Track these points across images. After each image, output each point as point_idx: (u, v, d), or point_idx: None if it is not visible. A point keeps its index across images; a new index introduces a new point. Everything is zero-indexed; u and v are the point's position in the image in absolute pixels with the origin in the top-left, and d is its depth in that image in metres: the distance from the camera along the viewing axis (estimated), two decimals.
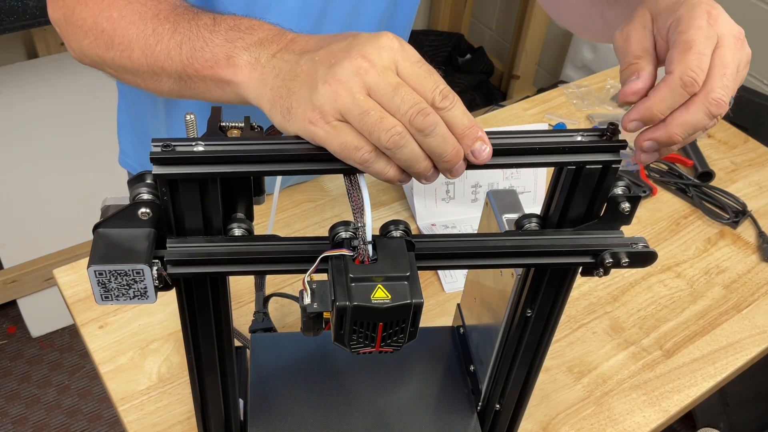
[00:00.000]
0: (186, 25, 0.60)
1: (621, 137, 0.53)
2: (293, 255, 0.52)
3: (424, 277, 0.99)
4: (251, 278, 0.92)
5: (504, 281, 0.64)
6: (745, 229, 1.13)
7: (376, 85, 0.47)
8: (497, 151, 0.51)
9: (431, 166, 0.49)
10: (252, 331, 0.85)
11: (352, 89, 0.47)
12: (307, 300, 0.51)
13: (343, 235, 0.52)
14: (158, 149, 0.47)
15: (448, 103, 0.48)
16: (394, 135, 0.46)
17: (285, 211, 1.08)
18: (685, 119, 0.52)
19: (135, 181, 0.49)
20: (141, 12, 0.63)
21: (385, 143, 0.47)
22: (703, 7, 0.54)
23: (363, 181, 0.51)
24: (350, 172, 0.51)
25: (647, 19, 0.57)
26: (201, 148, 0.47)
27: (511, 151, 0.51)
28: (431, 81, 0.48)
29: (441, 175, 0.51)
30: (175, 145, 0.47)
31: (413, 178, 0.51)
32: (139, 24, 0.63)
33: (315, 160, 0.49)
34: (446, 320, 0.93)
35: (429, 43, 2.72)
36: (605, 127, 0.53)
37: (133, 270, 0.48)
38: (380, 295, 0.49)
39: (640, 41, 0.56)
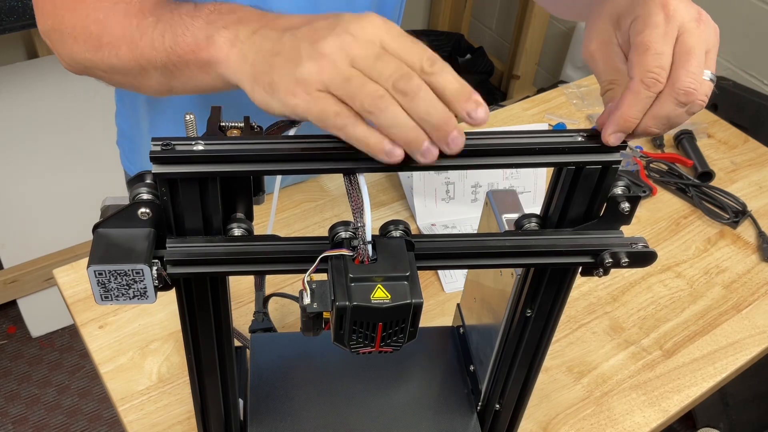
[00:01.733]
0: (168, 15, 0.61)
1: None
2: (293, 255, 0.52)
3: (424, 277, 0.99)
4: (251, 278, 0.92)
5: (504, 281, 0.64)
6: (745, 229, 1.13)
7: (360, 55, 0.47)
8: (497, 151, 0.51)
9: (423, 136, 0.47)
10: (252, 331, 0.85)
11: (336, 62, 0.47)
12: (307, 300, 0.51)
13: (343, 235, 0.52)
14: (158, 148, 0.47)
15: (436, 68, 0.47)
16: (375, 98, 0.46)
17: (285, 211, 1.08)
18: (656, 112, 0.52)
19: (134, 181, 0.49)
20: (126, 10, 0.64)
21: (367, 107, 0.46)
22: (658, 1, 0.53)
23: (363, 181, 0.50)
24: (350, 171, 0.51)
25: (610, 34, 0.57)
26: (201, 147, 0.47)
27: (511, 151, 0.51)
28: (417, 48, 0.48)
29: (440, 176, 0.50)
30: (174, 144, 0.47)
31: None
32: (124, 21, 0.63)
33: (315, 159, 0.49)
34: (446, 320, 0.93)
35: (429, 43, 2.71)
36: None
37: (132, 270, 0.48)
38: (380, 295, 0.49)
39: (608, 62, 0.56)
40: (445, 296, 0.98)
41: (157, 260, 0.49)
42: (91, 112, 1.85)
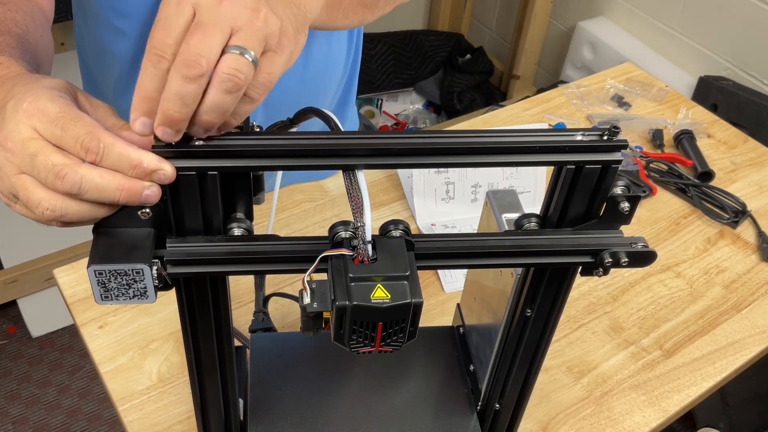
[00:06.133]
0: None
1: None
2: (293, 255, 0.52)
3: (424, 277, 0.99)
4: (251, 278, 0.92)
5: (504, 281, 0.64)
6: (745, 229, 1.13)
7: (21, 162, 0.47)
8: (498, 150, 0.51)
9: (112, 207, 0.49)
10: (252, 331, 0.85)
11: (7, 173, 0.48)
12: (307, 300, 0.51)
13: (343, 234, 0.52)
14: (159, 143, 0.47)
15: (93, 156, 0.47)
16: (45, 211, 0.47)
17: (285, 211, 1.08)
18: (165, 93, 0.46)
19: None
20: None
21: (45, 221, 0.48)
22: None
23: (363, 181, 0.50)
24: (349, 169, 0.51)
25: None
26: (201, 142, 0.48)
27: (511, 150, 0.51)
28: (70, 137, 0.47)
29: (440, 176, 0.51)
30: None
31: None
32: None
33: (314, 155, 0.50)
34: (446, 320, 0.93)
35: (429, 43, 2.72)
36: (605, 126, 0.53)
37: (132, 270, 0.48)
38: (380, 294, 0.49)
39: None
40: (445, 296, 0.98)
41: (157, 260, 0.49)
42: None
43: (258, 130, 0.56)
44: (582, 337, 0.95)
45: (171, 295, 0.54)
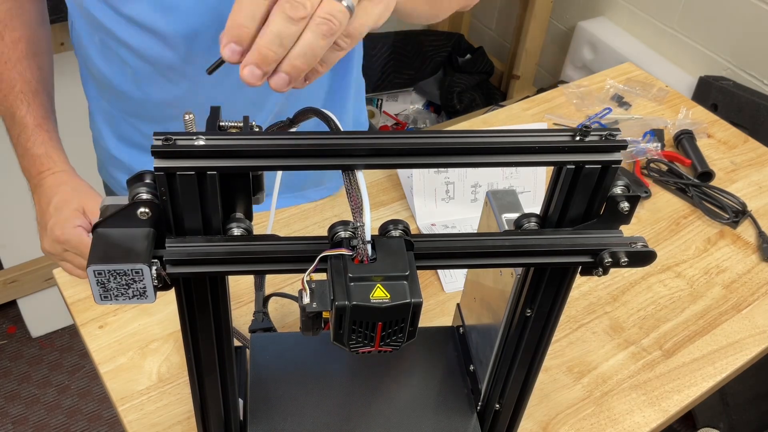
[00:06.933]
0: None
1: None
2: (292, 255, 0.52)
3: (424, 277, 0.99)
4: (251, 278, 0.92)
5: (504, 281, 0.64)
6: (745, 229, 1.13)
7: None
8: (497, 150, 0.51)
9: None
10: (252, 330, 0.85)
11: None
12: (307, 300, 0.51)
13: (342, 234, 0.52)
14: (159, 142, 0.47)
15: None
16: None
17: (285, 211, 1.08)
18: (264, 31, 0.47)
19: (134, 180, 0.49)
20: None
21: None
22: None
23: (362, 181, 0.50)
24: (348, 169, 0.51)
25: None
26: (202, 142, 0.48)
27: (510, 150, 0.51)
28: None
29: (440, 176, 0.50)
30: (176, 139, 0.47)
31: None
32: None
33: (315, 155, 0.49)
34: (446, 320, 0.93)
35: (429, 43, 2.72)
36: (605, 127, 0.53)
37: (132, 270, 0.48)
38: (379, 294, 0.49)
39: None
40: (445, 296, 0.98)
41: (156, 260, 0.49)
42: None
43: (257, 129, 0.56)
44: (582, 337, 0.95)
45: (171, 295, 0.54)
